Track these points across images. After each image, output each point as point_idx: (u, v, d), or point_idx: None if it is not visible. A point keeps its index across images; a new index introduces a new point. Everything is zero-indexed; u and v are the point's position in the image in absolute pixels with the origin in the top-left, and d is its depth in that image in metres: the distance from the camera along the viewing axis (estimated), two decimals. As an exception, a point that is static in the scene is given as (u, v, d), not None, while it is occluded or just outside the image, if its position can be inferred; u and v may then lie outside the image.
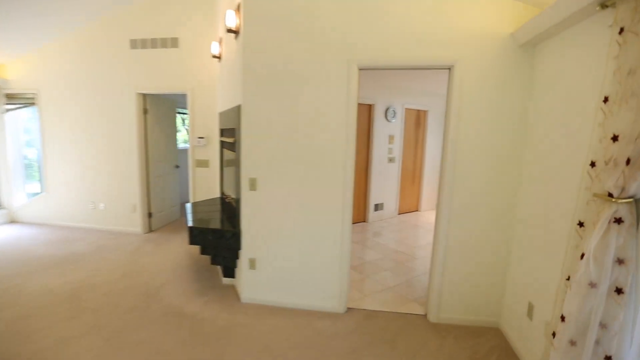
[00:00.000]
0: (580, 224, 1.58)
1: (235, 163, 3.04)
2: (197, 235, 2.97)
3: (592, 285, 1.41)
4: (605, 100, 1.49)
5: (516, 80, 2.40)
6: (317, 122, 2.66)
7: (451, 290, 2.68)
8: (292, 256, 2.85)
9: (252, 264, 2.91)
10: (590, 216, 1.52)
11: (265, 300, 2.94)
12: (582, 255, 1.45)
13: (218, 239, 2.94)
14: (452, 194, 2.57)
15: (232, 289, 3.23)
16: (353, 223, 5.93)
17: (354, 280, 3.47)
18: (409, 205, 6.64)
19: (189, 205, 3.79)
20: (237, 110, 2.86)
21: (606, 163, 1.41)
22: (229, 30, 2.88)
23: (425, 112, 6.51)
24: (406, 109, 6.14)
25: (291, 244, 2.84)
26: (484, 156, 2.50)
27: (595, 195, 1.49)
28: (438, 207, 2.65)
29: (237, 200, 2.97)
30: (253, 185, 2.80)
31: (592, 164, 1.53)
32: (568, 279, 1.63)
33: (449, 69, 2.53)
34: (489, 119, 2.46)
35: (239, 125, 2.83)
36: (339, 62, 2.56)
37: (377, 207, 6.00)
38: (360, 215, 5.87)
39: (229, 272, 3.30)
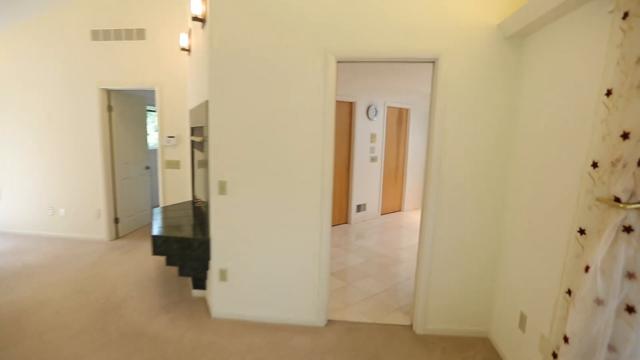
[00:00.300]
0: (581, 232, 1.42)
1: (205, 164, 2.78)
2: (161, 245, 2.68)
3: (599, 302, 1.24)
4: (608, 93, 1.33)
5: (503, 75, 2.25)
6: (292, 120, 2.43)
7: (438, 299, 2.51)
8: (267, 266, 2.62)
9: (223, 275, 2.66)
10: (593, 223, 1.36)
11: (238, 314, 2.69)
12: (587, 268, 1.28)
13: (184, 249, 2.66)
14: (437, 198, 2.39)
15: (203, 302, 2.97)
16: (335, 225, 5.81)
17: (336, 288, 3.27)
18: (392, 205, 6.50)
19: (155, 210, 3.48)
20: (205, 106, 2.60)
21: (613, 164, 1.24)
22: (195, 18, 2.61)
23: (407, 110, 6.38)
24: (388, 107, 5.99)
25: (265, 252, 2.60)
26: (471, 156, 2.34)
27: (598, 199, 1.32)
28: (423, 213, 2.47)
29: (207, 205, 2.70)
30: (222, 188, 2.55)
31: (594, 165, 1.37)
32: (569, 292, 1.47)
33: (433, 62, 2.35)
34: (476, 116, 2.30)
35: (207, 123, 2.57)
36: (315, 54, 2.34)
37: (360, 208, 5.82)
38: (342, 217, 5.68)
39: (200, 283, 3.03)
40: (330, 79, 2.36)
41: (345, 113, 5.43)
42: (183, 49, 3.65)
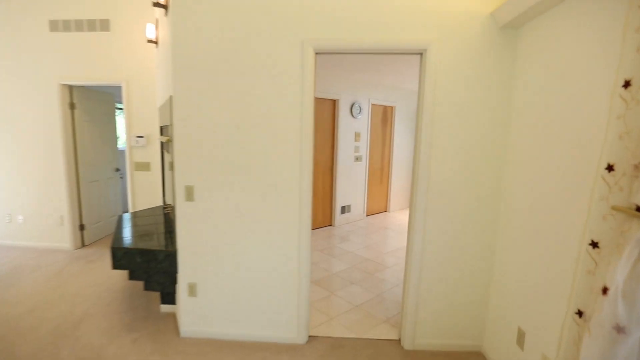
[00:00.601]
0: (594, 244, 1.24)
1: (171, 167, 2.50)
2: (121, 258, 2.40)
3: (620, 330, 1.06)
4: (626, 84, 1.15)
5: (497, 68, 2.07)
6: (267, 118, 2.18)
7: (428, 312, 2.32)
8: (241, 279, 2.37)
9: (192, 290, 2.39)
10: (609, 235, 1.18)
11: (210, 333, 2.43)
12: (605, 290, 1.10)
13: (149, 262, 2.39)
14: (426, 203, 2.20)
15: (173, 318, 2.69)
16: (318, 227, 5.58)
17: (318, 298, 3.04)
18: (377, 206, 6.33)
19: (121, 217, 3.18)
20: (170, 102, 2.32)
21: (636, 167, 1.06)
22: (156, 4, 2.34)
23: (392, 108, 6.21)
24: (373, 104, 5.80)
25: (239, 264, 2.35)
26: (463, 157, 2.15)
27: (615, 208, 1.14)
28: (411, 219, 2.27)
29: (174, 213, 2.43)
30: (190, 194, 2.28)
31: (609, 168, 1.19)
32: (579, 313, 1.29)
33: (421, 54, 2.15)
34: (467, 113, 2.11)
35: (171, 122, 2.30)
36: (291, 44, 2.10)
37: (344, 209, 5.62)
38: (326, 219, 5.46)
39: (169, 297, 2.76)
40: (308, 73, 2.13)
41: (328, 111, 5.21)
42: (150, 41, 3.34)
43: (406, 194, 6.85)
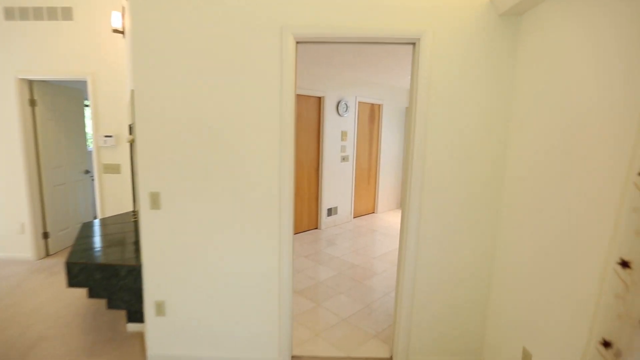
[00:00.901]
0: (624, 264, 1.05)
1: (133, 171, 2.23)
2: (78, 274, 2.11)
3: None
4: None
5: (497, 59, 1.88)
6: (241, 116, 1.94)
7: (422, 325, 2.12)
8: (215, 295, 2.12)
9: (160, 308, 2.13)
10: (643, 254, 0.99)
11: (181, 356, 2.17)
12: (646, 323, 0.91)
13: (109, 278, 2.11)
14: (420, 209, 1.99)
15: (140, 338, 2.42)
16: (304, 231, 5.32)
17: (303, 311, 2.81)
18: (365, 207, 6.14)
19: (84, 226, 2.87)
20: (132, 98, 2.05)
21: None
22: (115, -15, 2.05)
23: (379, 105, 6.02)
24: (360, 102, 5.60)
25: (213, 278, 2.10)
26: (461, 155, 1.96)
27: (652, 221, 0.95)
28: (403, 228, 2.06)
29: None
30: (155, 202, 2.01)
31: (643, 173, 1.00)
32: (605, 344, 1.09)
33: (413, 44, 1.94)
34: (465, 109, 1.92)
35: (133, 119, 2.03)
36: (268, 31, 1.86)
37: (331, 211, 5.40)
38: (311, 222, 5.23)
39: (136, 316, 2.48)
40: (289, 65, 1.89)
41: (314, 109, 4.98)
42: (116, 31, 3.04)
43: (394, 195, 6.68)
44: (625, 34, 1.17)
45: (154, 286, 2.11)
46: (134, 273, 2.09)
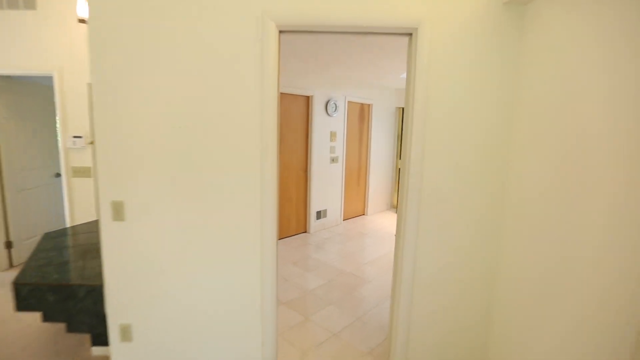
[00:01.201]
0: None
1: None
2: (27, 297, 1.84)
3: None
4: None
5: (500, 50, 1.69)
6: (217, 115, 1.70)
7: (424, 343, 1.93)
8: (189, 315, 1.88)
9: (126, 333, 1.87)
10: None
11: (150, 385, 1.93)
12: None
13: (65, 300, 1.85)
14: (418, 218, 1.80)
15: (106, 363, 2.16)
16: (292, 235, 5.08)
17: (290, 325, 2.59)
18: (354, 209, 5.95)
19: (44, 237, 2.58)
20: (89, 93, 1.79)
21: None
22: (71, -36, 1.79)
23: (369, 105, 5.84)
24: (349, 102, 5.40)
25: (186, 295, 1.86)
26: (464, 156, 1.77)
27: None
28: (398, 239, 1.87)
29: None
30: (119, 212, 1.76)
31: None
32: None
33: (410, 35, 1.74)
34: (467, 108, 1.73)
35: (91, 118, 1.77)
36: (246, 18, 1.63)
37: (320, 214, 5.19)
38: (300, 226, 5.01)
39: (101, 339, 2.22)
40: (270, 57, 1.67)
41: (301, 108, 4.75)
42: (82, 21, 2.74)
43: (384, 196, 6.51)
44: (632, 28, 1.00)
45: (118, 308, 1.85)
46: (94, 294, 1.84)
